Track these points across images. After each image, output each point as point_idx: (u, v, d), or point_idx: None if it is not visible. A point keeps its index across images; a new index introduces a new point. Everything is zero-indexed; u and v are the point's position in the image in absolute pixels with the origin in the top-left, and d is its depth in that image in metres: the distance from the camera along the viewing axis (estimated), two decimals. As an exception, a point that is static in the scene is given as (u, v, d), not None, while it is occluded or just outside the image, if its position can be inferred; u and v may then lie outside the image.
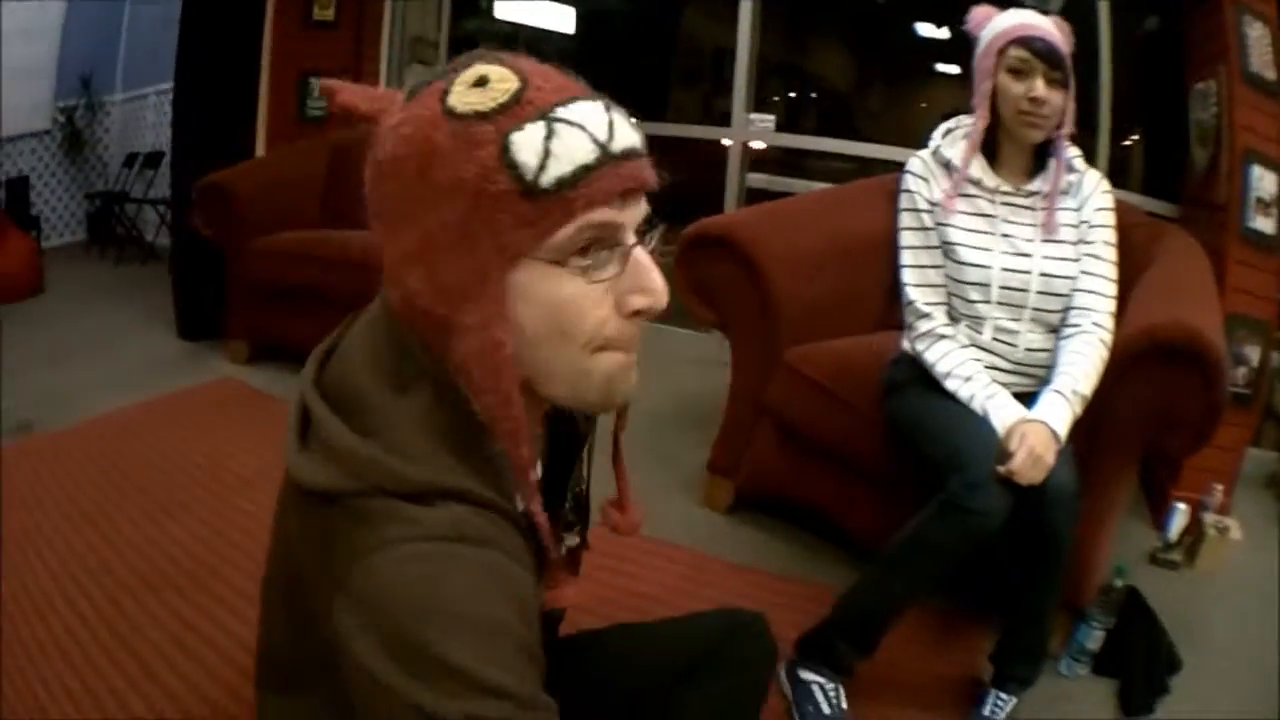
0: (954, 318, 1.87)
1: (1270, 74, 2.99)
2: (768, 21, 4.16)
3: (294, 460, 0.72)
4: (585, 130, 0.68)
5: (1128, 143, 4.01)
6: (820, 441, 2.21)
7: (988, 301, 1.82)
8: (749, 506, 2.52)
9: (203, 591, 2.05)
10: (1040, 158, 1.83)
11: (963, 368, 1.79)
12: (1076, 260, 1.81)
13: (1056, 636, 1.89)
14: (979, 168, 1.83)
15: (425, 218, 0.69)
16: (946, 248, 1.85)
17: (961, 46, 1.91)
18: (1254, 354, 3.01)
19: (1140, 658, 1.90)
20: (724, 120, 4.04)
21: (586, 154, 0.67)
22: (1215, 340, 1.68)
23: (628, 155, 0.70)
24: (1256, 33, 2.97)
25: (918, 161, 1.90)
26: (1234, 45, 2.99)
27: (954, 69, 1.75)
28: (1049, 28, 1.74)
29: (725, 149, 4.00)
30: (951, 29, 1.81)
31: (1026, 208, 1.83)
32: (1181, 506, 2.55)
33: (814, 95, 8.10)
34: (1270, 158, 2.98)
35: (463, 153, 0.67)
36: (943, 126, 1.92)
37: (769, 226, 2.40)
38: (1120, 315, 1.81)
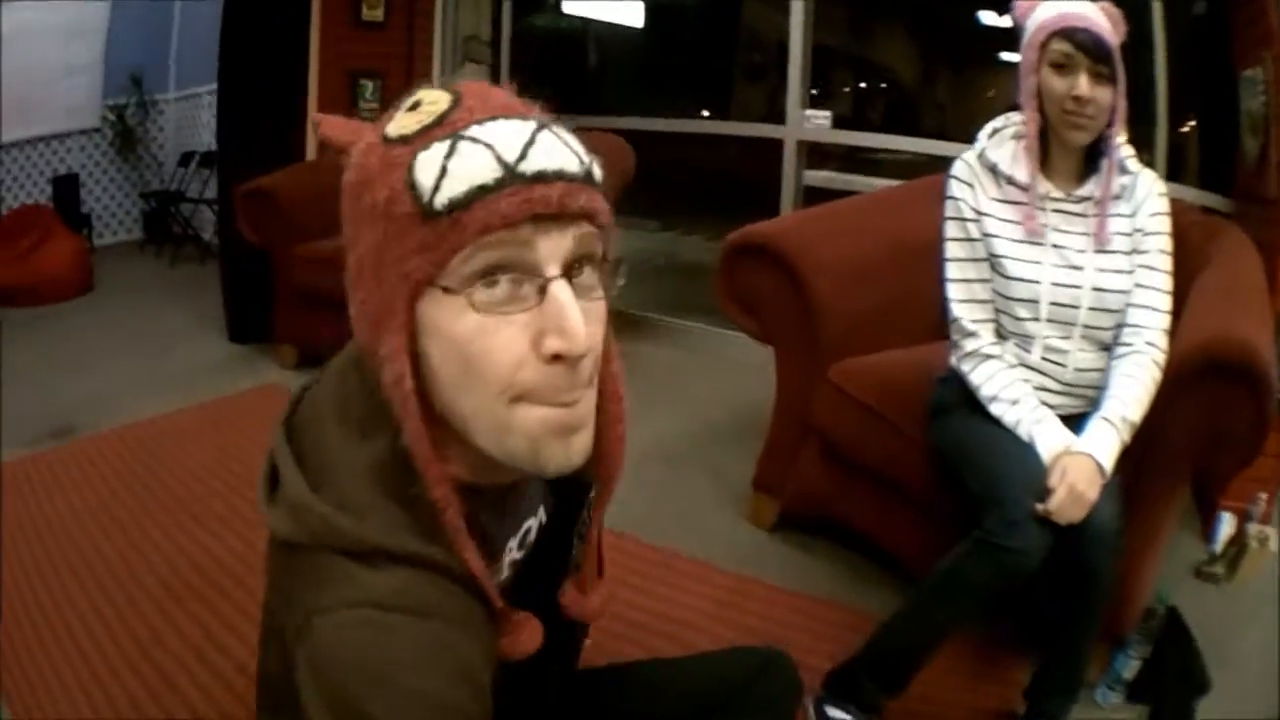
0: (1001, 335, 1.80)
1: None
2: (830, 11, 4.10)
3: (262, 507, 0.74)
4: (491, 149, 0.64)
5: (1185, 129, 3.88)
6: (865, 463, 2.17)
7: (1036, 319, 1.74)
8: (795, 525, 2.48)
9: (227, 602, 2.09)
10: (1091, 159, 1.74)
11: (1009, 390, 1.73)
12: (1130, 272, 1.72)
13: (1094, 665, 1.84)
14: (1028, 172, 1.73)
15: (357, 244, 0.69)
16: (993, 260, 1.77)
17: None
18: None
19: (1172, 684, 1.84)
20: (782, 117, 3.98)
21: (486, 173, 0.63)
22: (1266, 354, 1.60)
23: (541, 178, 0.64)
24: None
25: (962, 165, 1.81)
26: (1277, 29, 2.79)
27: (1019, 58, 1.70)
28: (1094, 17, 1.64)
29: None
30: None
31: (1078, 215, 1.74)
32: (1227, 516, 2.46)
33: (883, 86, 8.02)
34: None
35: (382, 177, 0.66)
36: (989, 126, 1.83)
37: (815, 233, 2.36)
38: (1174, 324, 1.74)
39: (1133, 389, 1.64)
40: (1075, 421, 1.67)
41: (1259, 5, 2.85)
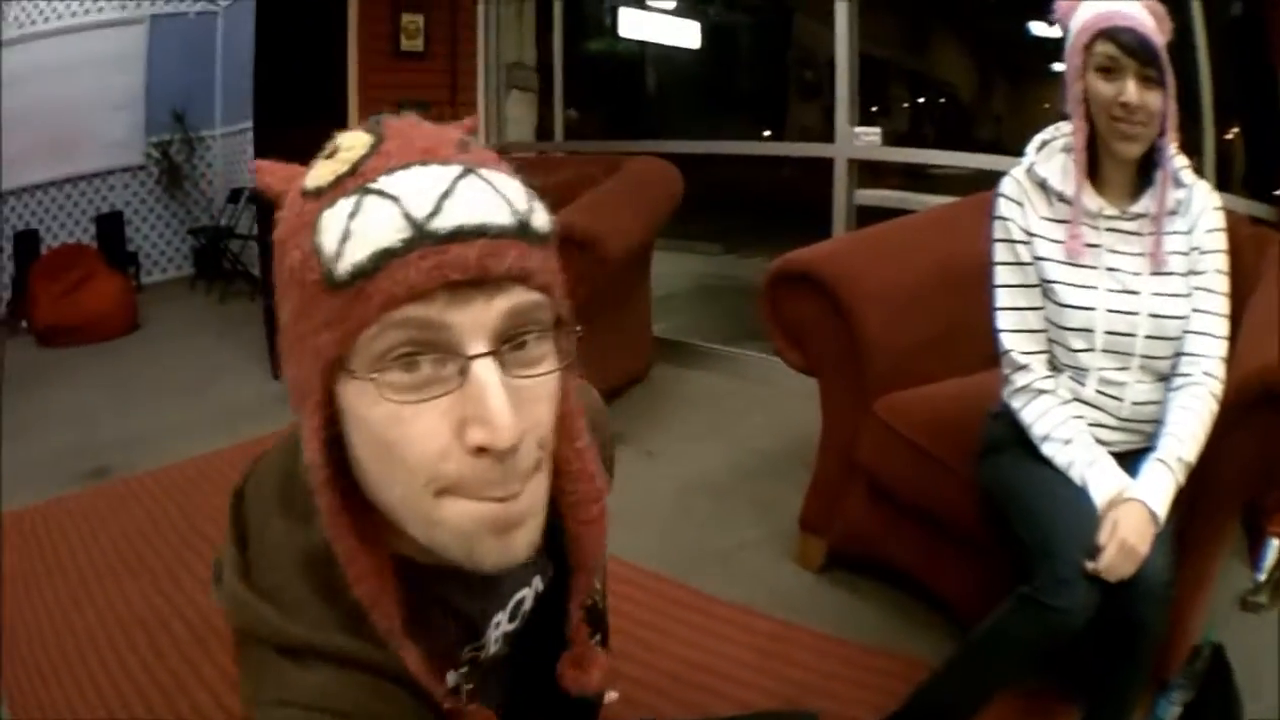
0: (1055, 367, 1.71)
1: None
2: (882, 26, 4.06)
3: (212, 589, 0.72)
4: (398, 204, 0.55)
5: (1229, 136, 3.79)
6: (914, 503, 2.10)
7: (1092, 349, 1.64)
8: (843, 564, 2.41)
9: (253, 652, 2.07)
10: (1145, 171, 1.64)
11: (1062, 429, 1.64)
12: (1188, 295, 1.63)
13: (1138, 709, 1.75)
14: (1079, 187, 1.63)
15: (281, 311, 0.62)
16: (1045, 286, 1.67)
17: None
18: None
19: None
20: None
21: (390, 235, 0.55)
22: None
23: (458, 236, 0.55)
24: None
25: (1011, 182, 1.71)
26: None
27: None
28: (1140, 16, 1.55)
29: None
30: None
31: (1133, 233, 1.64)
32: (1275, 543, 2.34)
33: (941, 100, 7.96)
34: None
35: (293, 237, 0.59)
36: (1038, 138, 1.73)
37: (860, 259, 2.31)
38: (1230, 350, 1.64)
39: (1189, 425, 1.56)
40: (1132, 458, 1.60)
41: None
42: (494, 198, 0.58)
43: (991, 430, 1.82)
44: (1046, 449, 1.64)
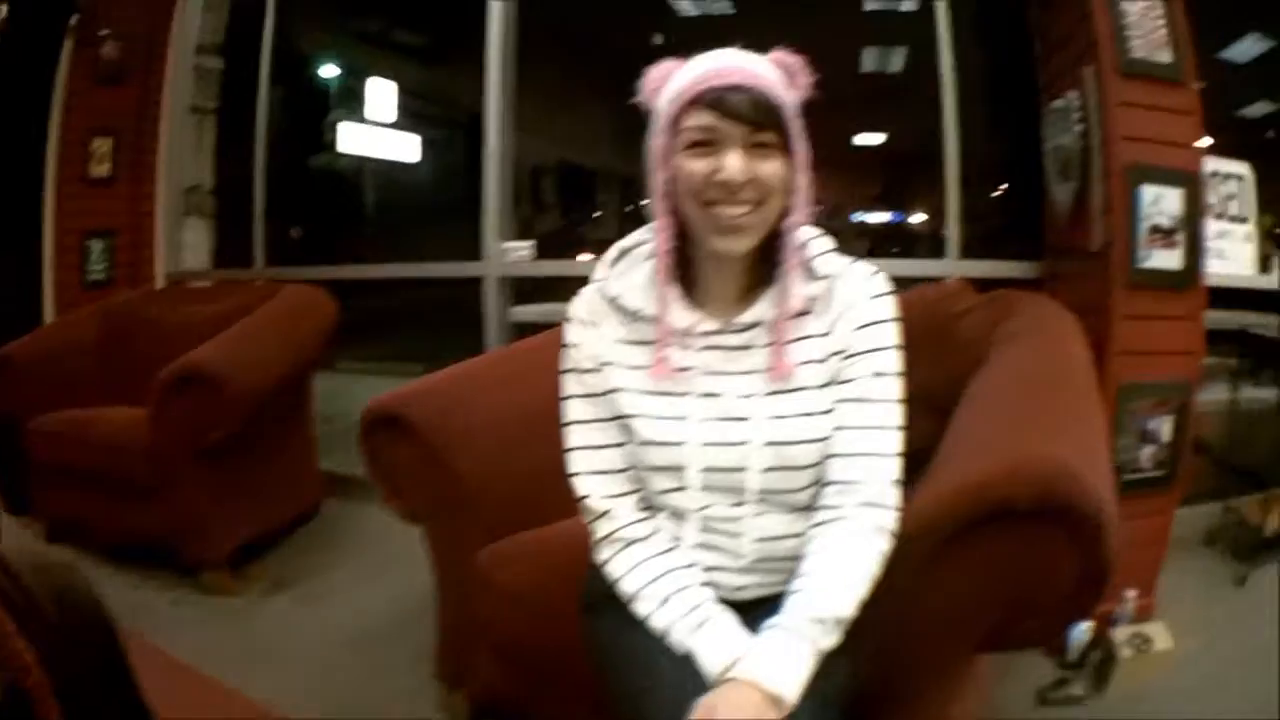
0: (651, 506, 1.42)
1: (1164, 55, 2.54)
2: (592, 134, 4.07)
3: None
4: None
5: (997, 193, 3.88)
6: (534, 661, 1.87)
7: (684, 488, 1.34)
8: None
9: None
10: (768, 263, 1.33)
11: (658, 585, 1.34)
12: (828, 411, 1.31)
13: None
14: (662, 301, 1.34)
15: None
16: (624, 421, 1.38)
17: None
18: (1163, 426, 2.58)
19: None
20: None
21: None
22: (1090, 478, 1.20)
23: None
24: (1138, 8, 2.53)
25: (581, 302, 1.43)
26: (1106, 32, 2.51)
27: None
28: (754, 69, 1.25)
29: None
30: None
31: (741, 348, 1.33)
32: (1081, 626, 2.19)
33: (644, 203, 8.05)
34: (1170, 169, 2.51)
35: None
36: (617, 246, 1.44)
37: (460, 395, 2.13)
38: (939, 448, 1.40)
39: (832, 572, 1.25)
40: (779, 601, 1.29)
41: (1077, 10, 2.60)
42: None
43: (590, 585, 1.49)
44: (640, 610, 1.34)
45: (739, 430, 1.31)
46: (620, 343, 1.39)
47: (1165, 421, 2.58)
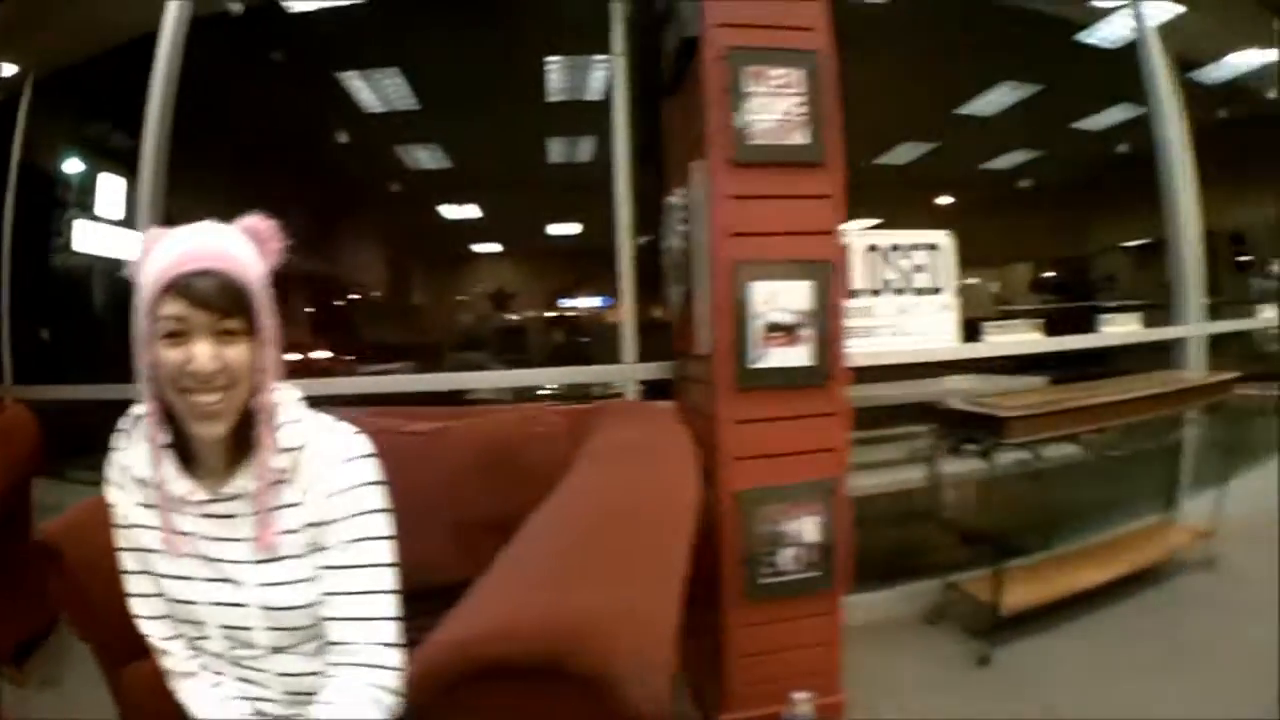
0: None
1: (800, 138, 2.39)
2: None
3: None
4: None
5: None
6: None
7: (207, 637, 1.47)
8: None
9: None
10: (249, 434, 1.40)
11: (214, 712, 1.49)
12: (311, 579, 1.40)
13: None
14: (157, 472, 1.42)
15: None
16: (153, 577, 1.49)
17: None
18: (805, 527, 2.48)
19: None
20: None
21: None
22: (607, 630, 1.12)
23: None
24: (767, 88, 2.37)
25: (109, 466, 1.52)
26: (720, 120, 2.35)
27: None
28: (223, 248, 1.32)
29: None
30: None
31: (229, 516, 1.42)
32: None
33: (353, 297, 7.31)
34: (794, 261, 2.36)
35: None
36: (131, 413, 1.50)
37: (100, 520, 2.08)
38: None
39: None
40: None
41: (692, 107, 2.51)
42: None
43: None
44: None
45: (238, 593, 1.42)
46: (139, 506, 1.48)
47: (807, 522, 2.49)
